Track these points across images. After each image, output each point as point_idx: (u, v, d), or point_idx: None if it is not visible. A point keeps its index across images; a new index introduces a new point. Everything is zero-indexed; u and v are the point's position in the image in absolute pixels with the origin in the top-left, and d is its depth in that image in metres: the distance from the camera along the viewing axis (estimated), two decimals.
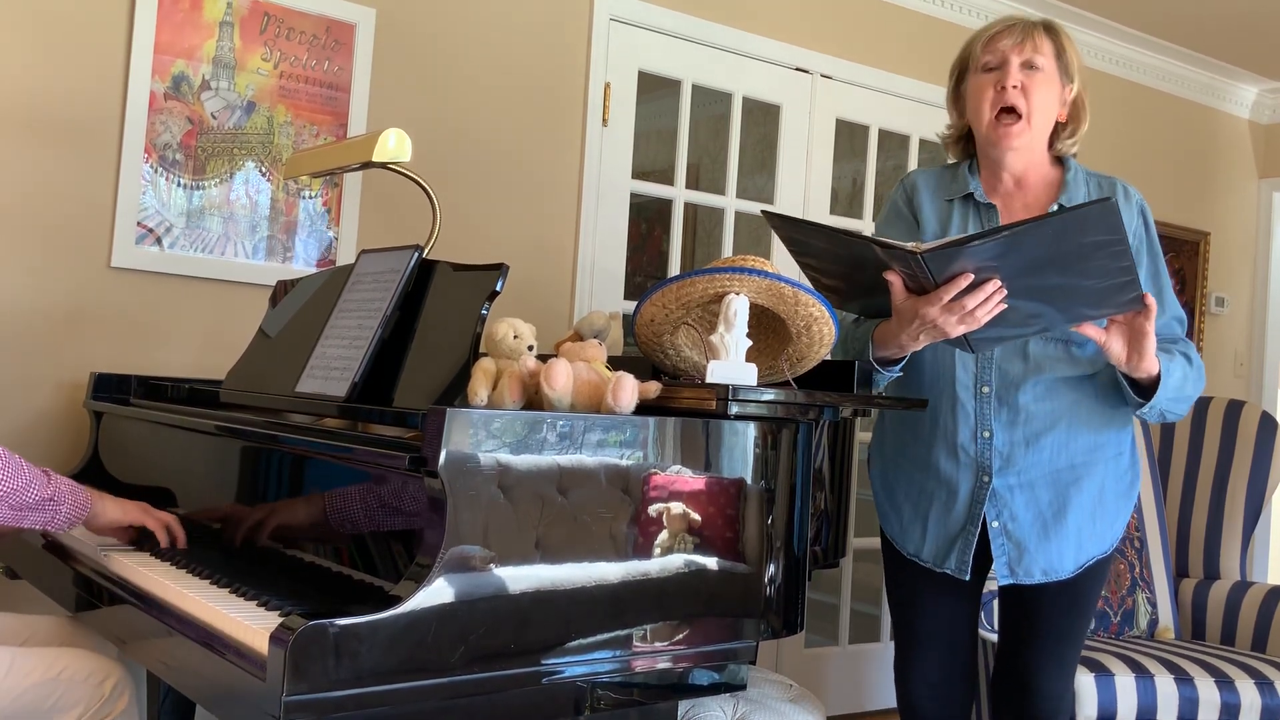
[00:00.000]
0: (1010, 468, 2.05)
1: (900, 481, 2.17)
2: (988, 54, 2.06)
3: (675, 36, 3.52)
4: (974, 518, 2.06)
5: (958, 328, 1.78)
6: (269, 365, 2.18)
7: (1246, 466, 3.44)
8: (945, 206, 2.12)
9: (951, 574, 2.09)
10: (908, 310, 1.82)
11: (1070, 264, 1.70)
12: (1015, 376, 2.04)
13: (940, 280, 1.74)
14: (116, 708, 1.85)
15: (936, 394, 2.09)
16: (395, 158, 2.10)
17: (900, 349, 1.92)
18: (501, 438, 1.47)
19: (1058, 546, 2.06)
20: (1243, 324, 5.22)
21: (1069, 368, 2.04)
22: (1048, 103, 2.04)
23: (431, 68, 3.11)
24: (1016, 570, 2.06)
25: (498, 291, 1.80)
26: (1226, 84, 5.01)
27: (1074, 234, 1.65)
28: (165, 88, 2.74)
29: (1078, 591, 2.10)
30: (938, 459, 2.09)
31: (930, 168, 2.22)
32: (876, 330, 1.96)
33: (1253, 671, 2.88)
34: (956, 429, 2.07)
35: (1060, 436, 2.05)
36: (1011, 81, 2.01)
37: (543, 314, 3.18)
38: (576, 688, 1.53)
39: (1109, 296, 1.78)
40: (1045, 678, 2.12)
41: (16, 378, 2.61)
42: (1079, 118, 2.11)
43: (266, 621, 1.46)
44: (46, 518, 1.83)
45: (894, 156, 4.18)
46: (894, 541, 2.18)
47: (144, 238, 2.73)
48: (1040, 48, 2.03)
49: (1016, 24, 2.06)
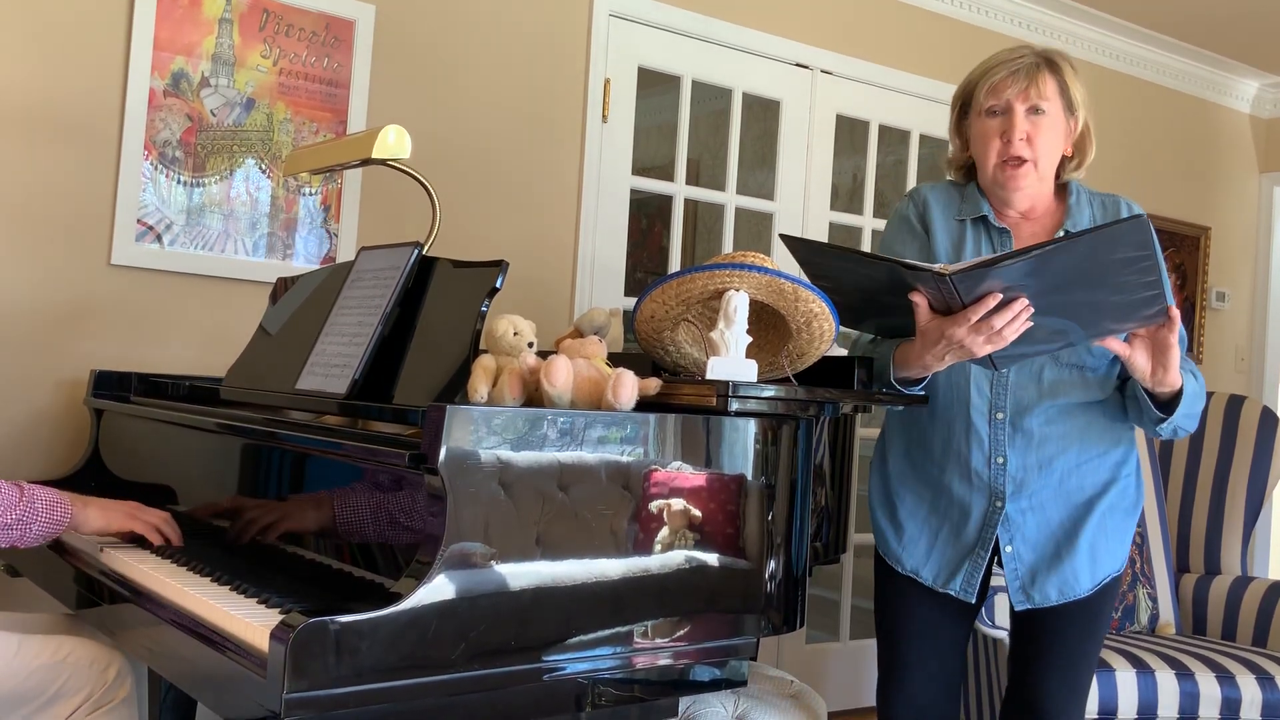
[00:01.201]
0: (1022, 492, 2.03)
1: (905, 498, 2.13)
2: (991, 99, 2.02)
3: (675, 32, 3.52)
4: (985, 541, 2.05)
5: (985, 347, 1.77)
6: (269, 362, 2.18)
7: (1247, 462, 3.44)
8: (957, 227, 2.10)
9: (955, 595, 2.07)
10: (933, 331, 1.80)
11: (1099, 280, 1.69)
12: (1029, 402, 2.02)
13: (968, 301, 1.73)
14: (118, 695, 1.86)
15: (950, 418, 2.07)
16: (395, 154, 2.10)
17: (924, 369, 1.90)
18: (502, 434, 1.47)
19: (1071, 566, 2.04)
20: (1243, 319, 5.21)
21: (1082, 392, 2.03)
22: (1053, 145, 2.02)
23: (431, 64, 3.11)
24: (1031, 594, 2.04)
25: (498, 288, 1.80)
26: (1227, 79, 5.00)
27: (1105, 251, 1.64)
28: (165, 85, 2.74)
29: (1093, 612, 2.07)
30: (950, 480, 2.07)
31: (937, 184, 2.19)
32: (897, 351, 1.94)
33: (1253, 666, 2.88)
34: (970, 453, 2.05)
35: (1071, 459, 2.04)
36: (1018, 135, 1.99)
37: (543, 311, 3.18)
38: (577, 684, 1.53)
39: (1135, 310, 1.77)
40: (1054, 701, 2.08)
41: (17, 375, 2.61)
42: (1085, 148, 2.08)
43: (267, 619, 1.46)
44: (14, 537, 1.81)
45: (894, 152, 4.18)
46: (888, 558, 2.15)
47: (144, 235, 2.72)
48: (1044, 91, 1.99)
49: (1020, 67, 2.01)
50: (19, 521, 1.80)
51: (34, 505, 1.82)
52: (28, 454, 2.62)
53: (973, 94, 2.07)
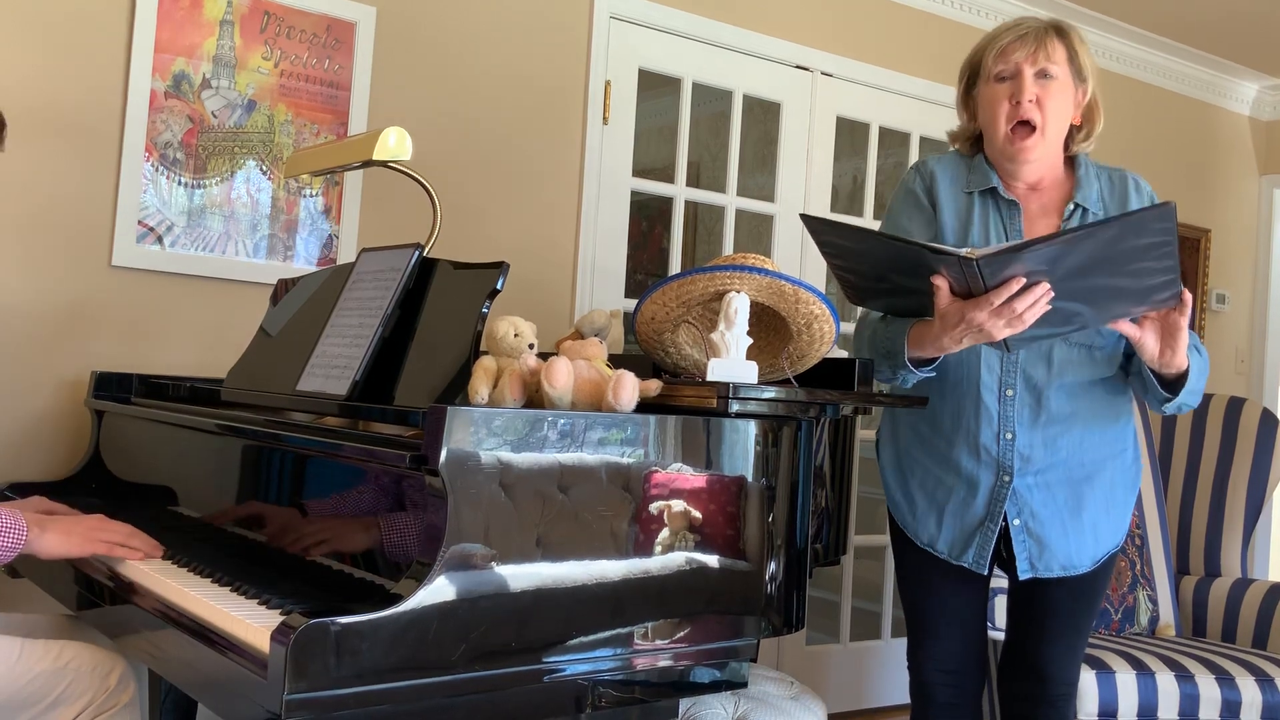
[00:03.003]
0: (1029, 467, 2.07)
1: (915, 472, 2.17)
2: (1000, 64, 2.03)
3: (676, 34, 3.52)
4: (994, 515, 2.08)
5: (1004, 331, 1.78)
6: (270, 364, 2.18)
7: (1247, 464, 3.44)
8: (965, 199, 2.11)
9: (969, 568, 2.11)
10: (954, 314, 1.81)
11: (1120, 265, 1.70)
12: (1039, 380, 2.06)
13: (991, 285, 1.74)
14: (121, 700, 1.85)
15: (960, 394, 2.10)
16: (396, 156, 2.10)
17: (939, 350, 1.91)
18: (502, 436, 1.47)
19: (1076, 542, 2.09)
20: (1243, 321, 5.22)
21: (1089, 370, 2.06)
22: (1062, 111, 2.03)
23: (432, 66, 3.11)
24: (1037, 565, 2.09)
25: (498, 290, 1.80)
26: (1227, 81, 5.00)
27: (1131, 237, 1.66)
28: (166, 86, 2.74)
29: (1092, 585, 2.14)
30: (959, 456, 2.10)
31: (944, 155, 2.20)
32: (912, 331, 1.95)
33: (1253, 668, 2.88)
34: (979, 429, 2.08)
35: (1076, 437, 2.07)
36: (1027, 96, 2.00)
37: (543, 312, 3.18)
38: (578, 685, 1.53)
39: (1149, 294, 1.79)
40: (1057, 665, 2.16)
41: (17, 376, 2.62)
42: (1094, 119, 2.10)
43: (268, 620, 1.46)
44: None
45: (894, 154, 4.18)
46: (906, 530, 2.19)
47: (145, 236, 2.73)
48: (1053, 55, 2.01)
49: (1029, 31, 2.02)
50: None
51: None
52: (28, 455, 2.63)
53: (980, 61, 2.09)
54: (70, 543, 1.82)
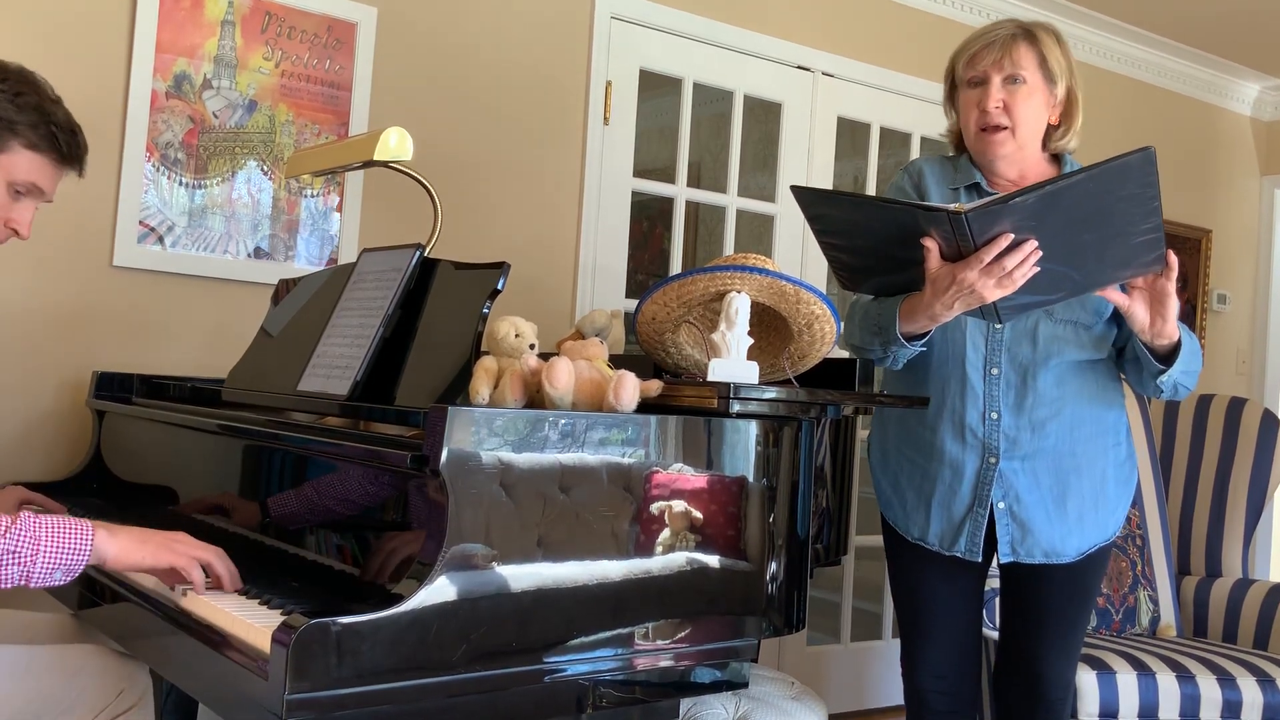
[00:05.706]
0: (1016, 451, 2.08)
1: (903, 466, 2.18)
2: (970, 70, 2.10)
3: (676, 35, 3.52)
4: (982, 499, 2.09)
5: (995, 291, 1.80)
6: (271, 364, 2.18)
7: (1248, 464, 3.44)
8: (951, 195, 2.14)
9: (961, 557, 2.11)
10: (944, 276, 1.82)
11: (1105, 220, 1.74)
12: (1025, 358, 2.07)
13: (980, 242, 1.76)
14: (132, 704, 1.84)
15: (945, 374, 2.11)
16: (396, 156, 2.10)
17: (931, 319, 1.92)
18: (503, 436, 1.47)
19: (1060, 530, 2.09)
20: (1244, 321, 5.21)
21: (1076, 351, 2.07)
22: (1033, 113, 2.07)
23: (433, 66, 3.11)
24: (1019, 550, 2.10)
25: (499, 290, 1.80)
26: (1228, 81, 5.00)
27: (1114, 186, 1.69)
28: (167, 86, 2.74)
29: (1081, 579, 2.14)
30: (943, 440, 2.11)
31: (933, 157, 2.26)
32: (904, 304, 1.96)
33: (1254, 669, 2.88)
34: (965, 409, 2.09)
35: (1065, 423, 2.08)
36: (993, 102, 2.05)
37: (544, 312, 3.18)
38: (578, 686, 1.53)
39: (1135, 255, 1.82)
40: (1051, 664, 2.16)
41: (19, 377, 2.62)
42: (1072, 115, 2.13)
43: (268, 620, 1.46)
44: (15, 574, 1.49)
45: (895, 154, 4.18)
46: (897, 527, 2.19)
47: (146, 236, 2.73)
48: (1020, 61, 2.05)
49: (995, 40, 2.07)
50: (11, 555, 1.47)
51: (18, 542, 1.47)
52: (29, 455, 2.63)
53: (955, 70, 2.15)
54: (145, 551, 1.57)
